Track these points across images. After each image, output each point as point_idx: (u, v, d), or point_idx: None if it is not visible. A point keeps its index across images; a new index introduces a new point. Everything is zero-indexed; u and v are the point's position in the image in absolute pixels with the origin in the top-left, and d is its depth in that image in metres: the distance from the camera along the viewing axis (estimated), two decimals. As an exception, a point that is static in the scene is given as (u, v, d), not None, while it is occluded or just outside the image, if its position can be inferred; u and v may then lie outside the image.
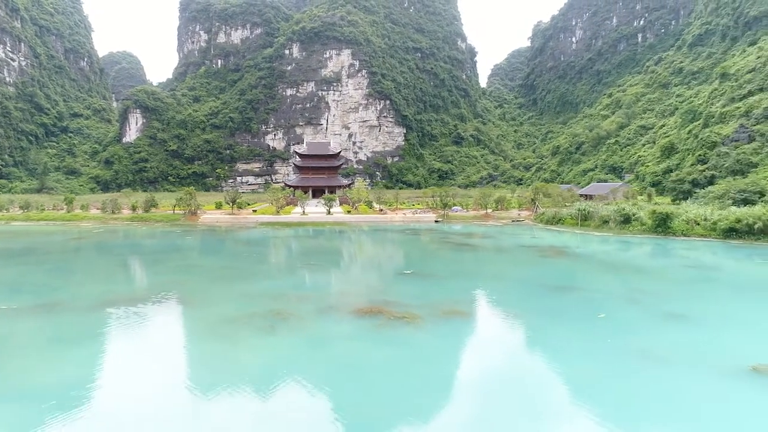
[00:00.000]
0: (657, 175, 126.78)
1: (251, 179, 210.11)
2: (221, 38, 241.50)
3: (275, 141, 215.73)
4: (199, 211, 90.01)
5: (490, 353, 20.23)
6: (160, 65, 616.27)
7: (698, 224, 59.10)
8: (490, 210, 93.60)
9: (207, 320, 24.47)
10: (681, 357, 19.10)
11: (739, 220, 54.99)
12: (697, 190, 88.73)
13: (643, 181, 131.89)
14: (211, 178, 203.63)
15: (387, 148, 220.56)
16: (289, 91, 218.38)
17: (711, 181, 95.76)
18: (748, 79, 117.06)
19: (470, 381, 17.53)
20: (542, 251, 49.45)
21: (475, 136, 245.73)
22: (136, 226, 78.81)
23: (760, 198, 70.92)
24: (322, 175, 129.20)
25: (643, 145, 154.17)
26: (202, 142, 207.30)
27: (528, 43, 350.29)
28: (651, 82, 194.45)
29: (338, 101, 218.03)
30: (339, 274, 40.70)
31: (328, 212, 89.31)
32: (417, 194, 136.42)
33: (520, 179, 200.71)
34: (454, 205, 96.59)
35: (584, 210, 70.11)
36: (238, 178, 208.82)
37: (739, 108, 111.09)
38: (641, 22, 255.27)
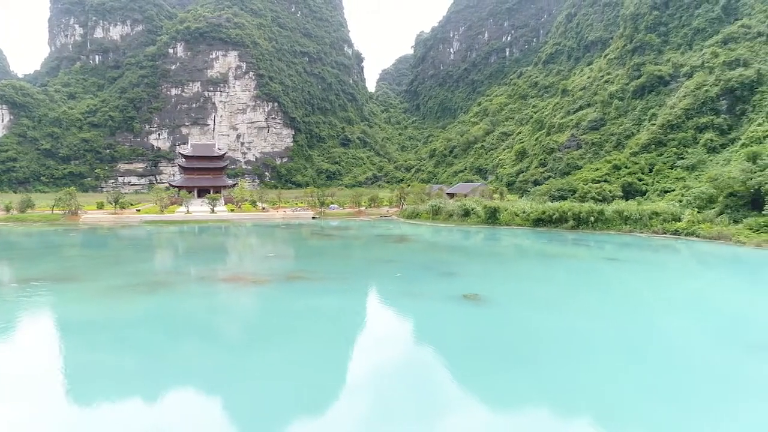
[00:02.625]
0: (512, 176, 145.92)
1: (134, 180, 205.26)
2: (99, 33, 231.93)
3: (160, 141, 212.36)
4: (80, 211, 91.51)
5: (313, 295, 29.87)
6: (24, 56, 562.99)
7: (518, 216, 73.90)
8: (364, 207, 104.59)
9: (97, 288, 31.63)
10: (431, 293, 30.14)
11: (544, 212, 70.24)
12: (536, 188, 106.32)
13: (501, 181, 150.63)
14: (89, 179, 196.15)
15: (276, 149, 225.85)
16: (173, 91, 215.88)
17: (548, 180, 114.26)
18: (580, 96, 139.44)
19: (296, 309, 26.99)
20: (390, 238, 60.66)
21: (362, 139, 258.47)
22: (13, 226, 79.46)
23: (572, 195, 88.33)
24: (208, 175, 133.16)
25: (504, 149, 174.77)
26: (79, 141, 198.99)
27: (412, 51, 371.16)
28: (513, 93, 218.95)
29: (225, 102, 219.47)
30: (214, 257, 48.52)
31: (212, 211, 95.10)
32: (299, 194, 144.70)
33: (402, 179, 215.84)
34: (332, 203, 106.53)
35: (435, 206, 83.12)
36: (120, 179, 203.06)
37: (572, 120, 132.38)
38: (509, 38, 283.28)
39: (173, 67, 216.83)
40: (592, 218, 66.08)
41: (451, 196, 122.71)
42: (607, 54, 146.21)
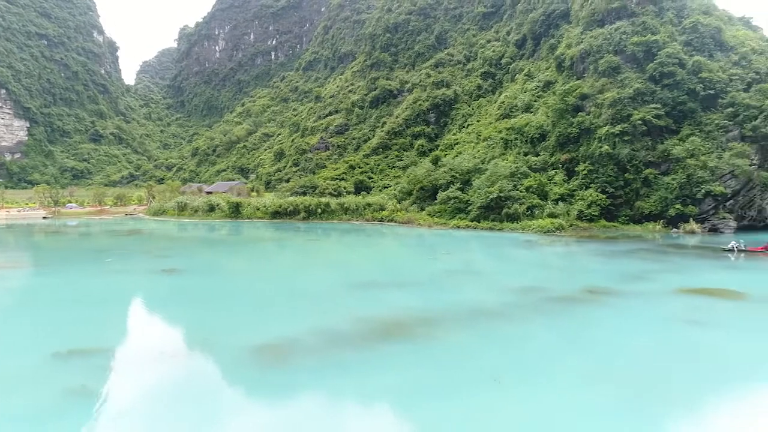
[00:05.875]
0: (271, 175, 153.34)
1: None
2: None
3: None
4: None
5: (5, 279, 31.58)
6: None
7: (259, 210, 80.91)
8: (108, 206, 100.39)
9: None
10: (135, 270, 34.50)
11: (280, 206, 78.52)
12: (283, 185, 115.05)
13: (261, 180, 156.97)
14: None
15: (5, 143, 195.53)
16: None
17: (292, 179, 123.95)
18: (330, 102, 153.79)
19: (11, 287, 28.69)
20: (123, 233, 61.78)
21: (117, 135, 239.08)
22: None
23: (313, 191, 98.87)
24: None
25: (265, 150, 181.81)
26: None
27: (176, 45, 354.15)
28: (275, 96, 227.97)
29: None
30: None
31: None
32: (33, 194, 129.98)
33: (162, 179, 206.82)
34: (70, 202, 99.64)
35: (181, 202, 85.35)
36: None
37: (322, 124, 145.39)
38: (274, 42, 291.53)
39: None
40: (319, 210, 76.56)
41: (210, 194, 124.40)
42: (353, 67, 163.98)
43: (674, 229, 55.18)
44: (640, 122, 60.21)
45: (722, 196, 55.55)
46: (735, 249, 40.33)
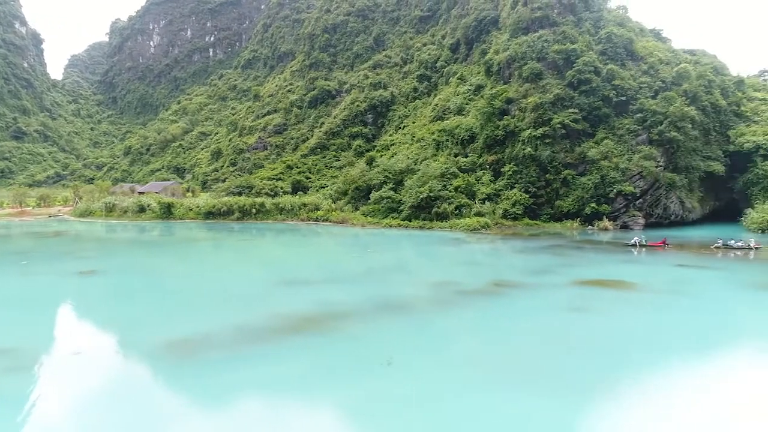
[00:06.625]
0: (207, 175, 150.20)
1: None
2: None
3: None
4: None
5: None
6: None
7: (192, 210, 79.56)
8: (31, 207, 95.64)
9: None
10: (51, 272, 33.72)
11: (214, 206, 77.55)
12: (219, 185, 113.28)
13: (197, 180, 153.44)
14: None
15: None
16: None
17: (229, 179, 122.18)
18: (268, 102, 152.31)
19: None
20: (43, 235, 59.50)
21: (42, 132, 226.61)
22: None
23: (249, 191, 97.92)
24: None
25: (202, 149, 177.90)
26: None
27: (107, 39, 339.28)
28: (213, 94, 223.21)
29: None
30: None
31: None
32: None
33: (92, 178, 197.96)
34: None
35: (109, 203, 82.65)
36: None
37: (261, 123, 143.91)
38: (212, 39, 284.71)
39: None
40: (254, 210, 76.27)
41: (142, 194, 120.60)
42: (292, 66, 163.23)
43: (590, 227, 59.04)
44: (559, 126, 63.93)
45: (632, 195, 59.92)
46: (637, 244, 43.97)
